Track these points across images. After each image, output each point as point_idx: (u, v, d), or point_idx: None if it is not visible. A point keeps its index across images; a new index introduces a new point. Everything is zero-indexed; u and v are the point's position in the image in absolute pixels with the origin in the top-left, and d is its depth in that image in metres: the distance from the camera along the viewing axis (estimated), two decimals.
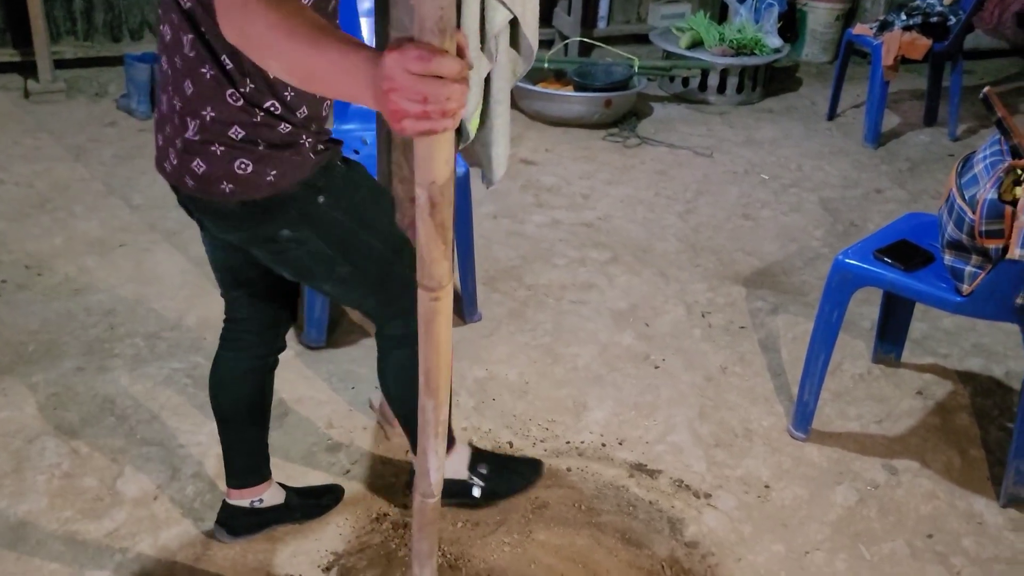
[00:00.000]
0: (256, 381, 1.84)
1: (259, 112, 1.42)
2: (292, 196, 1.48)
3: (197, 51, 1.40)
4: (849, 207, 3.74)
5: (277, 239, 1.51)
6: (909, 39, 4.16)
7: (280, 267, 1.60)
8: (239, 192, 1.45)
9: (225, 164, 1.43)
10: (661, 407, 2.44)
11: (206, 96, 1.41)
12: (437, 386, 1.22)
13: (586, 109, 4.37)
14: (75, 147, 3.84)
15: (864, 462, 2.27)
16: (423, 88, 0.92)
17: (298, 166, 1.47)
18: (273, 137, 1.44)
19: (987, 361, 2.71)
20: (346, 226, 1.55)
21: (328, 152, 1.52)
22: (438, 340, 1.17)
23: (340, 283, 1.63)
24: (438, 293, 1.13)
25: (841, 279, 2.21)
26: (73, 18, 4.51)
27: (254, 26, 1.08)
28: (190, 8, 1.39)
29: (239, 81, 1.40)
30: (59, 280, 2.87)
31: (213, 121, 1.42)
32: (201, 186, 1.46)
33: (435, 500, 1.37)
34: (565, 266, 3.15)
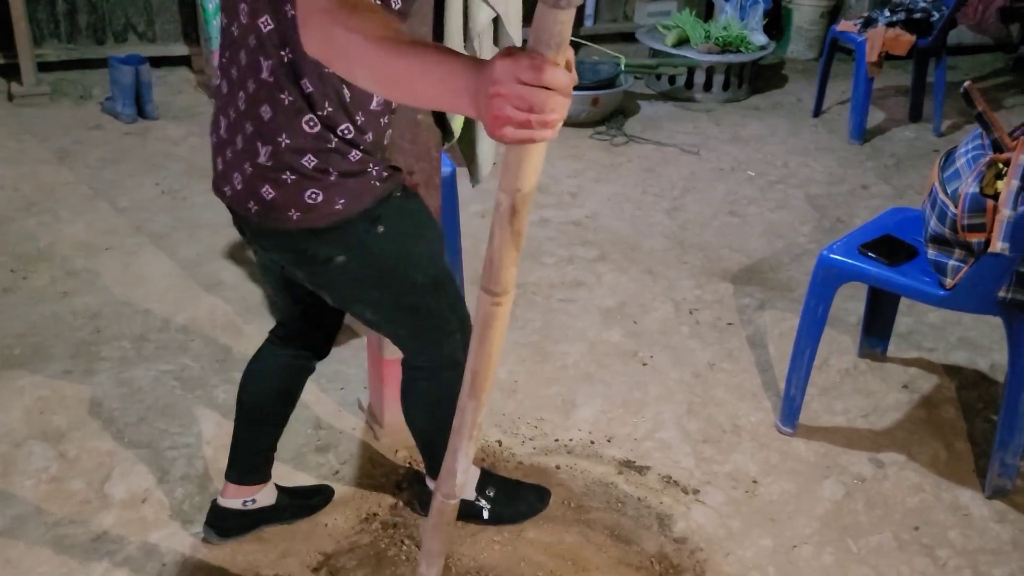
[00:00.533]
0: (291, 379, 1.87)
1: (334, 138, 1.42)
2: (354, 223, 1.48)
3: (277, 76, 1.39)
4: (835, 203, 3.76)
5: (329, 263, 1.51)
6: (893, 35, 4.19)
7: (322, 290, 1.61)
8: (305, 220, 1.45)
9: (295, 193, 1.43)
10: (649, 404, 2.45)
11: (283, 122, 1.41)
12: (482, 389, 1.23)
13: (573, 107, 4.38)
14: (60, 150, 3.83)
15: (851, 456, 2.29)
16: (531, 97, 0.94)
17: (364, 194, 1.47)
18: (344, 165, 1.44)
19: (972, 354, 2.73)
20: (394, 256, 1.55)
21: (391, 180, 1.52)
22: (492, 344, 1.19)
23: (379, 311, 1.64)
24: (501, 299, 1.15)
25: (826, 274, 2.22)
26: (56, 20, 4.49)
27: (342, 34, 1.08)
28: (272, 31, 1.37)
29: (318, 104, 1.39)
30: (45, 283, 2.86)
31: (288, 148, 1.42)
32: (266, 212, 1.46)
33: (456, 502, 1.38)
34: (553, 264, 3.16)
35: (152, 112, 4.17)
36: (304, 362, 1.86)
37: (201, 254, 3.07)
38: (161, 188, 3.55)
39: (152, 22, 4.72)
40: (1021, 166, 1.86)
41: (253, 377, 1.86)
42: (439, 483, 1.38)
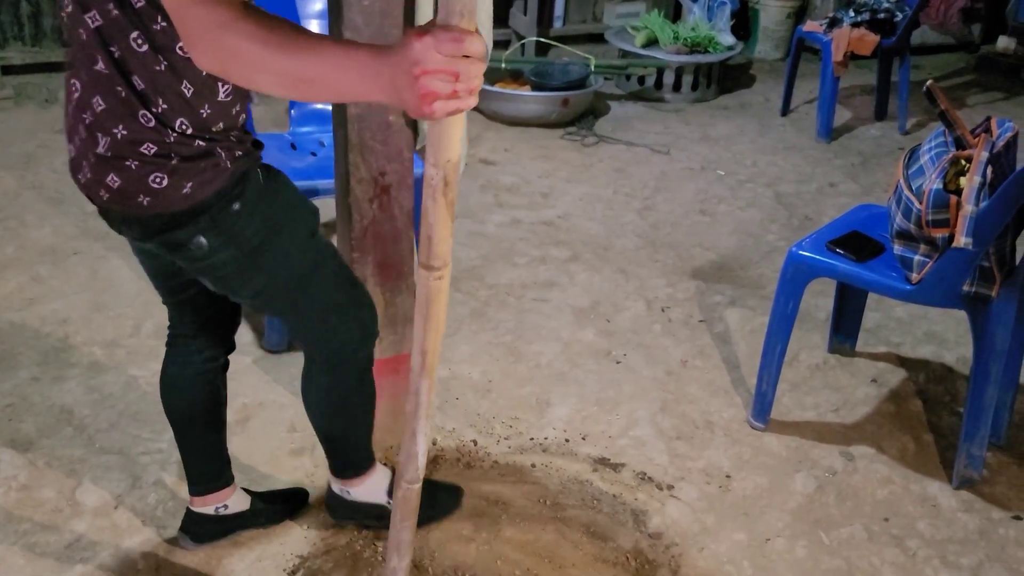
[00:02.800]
0: (206, 385, 1.81)
1: (172, 132, 1.39)
2: (206, 204, 1.44)
3: (110, 70, 1.36)
4: (803, 201, 3.80)
5: (191, 246, 1.47)
6: (858, 35, 4.25)
7: (200, 275, 1.56)
8: (155, 205, 1.42)
9: (140, 178, 1.40)
10: (623, 402, 2.47)
11: (117, 114, 1.38)
12: (432, 366, 1.23)
13: (544, 108, 4.40)
14: (25, 155, 3.77)
15: (822, 450, 2.32)
16: (456, 67, 0.98)
17: (214, 177, 1.43)
18: (187, 151, 1.41)
19: (938, 348, 2.78)
20: (260, 236, 1.51)
21: (245, 159, 1.48)
22: (437, 320, 1.19)
23: (257, 295, 1.58)
24: (442, 272, 1.15)
25: (795, 271, 2.25)
26: (20, 23, 4.42)
27: (241, 45, 1.06)
28: (100, 27, 1.34)
29: (151, 101, 1.36)
30: (11, 290, 2.82)
31: (124, 139, 1.38)
32: (116, 199, 1.43)
33: (419, 485, 1.37)
34: (526, 265, 3.17)
35: None
36: (211, 364, 1.79)
37: None
38: None
39: None
40: (982, 162, 1.90)
41: (172, 395, 1.80)
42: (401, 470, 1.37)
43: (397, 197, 2.02)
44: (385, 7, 1.83)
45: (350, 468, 1.89)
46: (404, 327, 2.16)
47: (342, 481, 1.91)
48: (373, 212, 2.01)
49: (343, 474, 1.90)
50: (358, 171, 1.96)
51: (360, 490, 1.91)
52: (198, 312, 1.73)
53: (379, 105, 1.91)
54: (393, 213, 2.03)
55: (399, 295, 2.12)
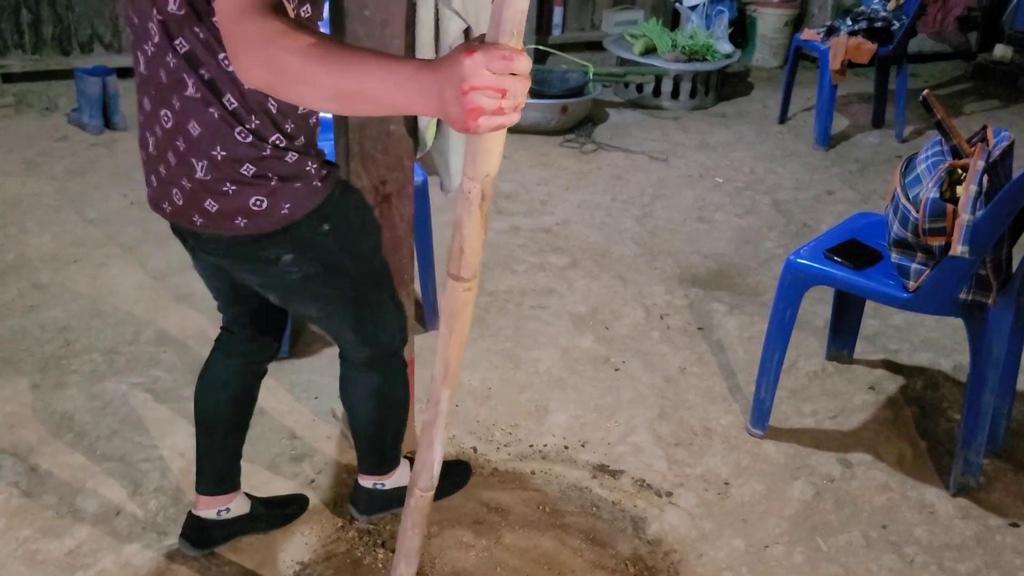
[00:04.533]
0: (245, 386, 1.87)
1: (267, 146, 1.44)
2: (300, 223, 1.50)
3: (202, 92, 1.39)
4: (802, 208, 3.82)
5: (277, 263, 1.53)
6: (855, 44, 4.28)
7: (268, 290, 1.62)
8: (253, 226, 1.47)
9: (240, 201, 1.45)
10: (622, 408, 2.48)
11: (215, 136, 1.42)
12: (454, 376, 1.25)
13: (542, 116, 4.42)
14: (26, 162, 3.79)
15: (820, 457, 2.33)
16: (504, 85, 1.00)
17: (309, 195, 1.49)
18: (283, 169, 1.46)
19: (936, 355, 2.79)
20: (338, 252, 1.58)
21: (330, 178, 1.54)
22: (462, 331, 1.21)
23: (325, 306, 1.66)
24: (471, 284, 1.18)
25: (793, 279, 2.26)
26: (21, 31, 4.44)
27: (285, 59, 1.08)
28: (189, 51, 1.38)
29: (245, 119, 1.41)
30: (12, 297, 2.83)
31: (224, 160, 1.43)
32: (212, 223, 1.48)
33: (431, 494, 1.39)
34: (525, 272, 3.18)
35: (119, 123, 4.14)
36: (255, 366, 1.87)
37: (171, 265, 3.05)
38: (129, 199, 3.52)
39: (118, 33, 4.68)
40: (979, 172, 1.92)
41: (207, 389, 1.86)
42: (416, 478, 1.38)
43: (398, 206, 2.03)
44: (386, 17, 1.85)
45: (387, 463, 1.96)
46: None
47: (377, 476, 1.97)
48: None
49: (380, 469, 1.96)
50: (359, 180, 1.97)
51: (392, 479, 1.98)
52: (254, 318, 1.80)
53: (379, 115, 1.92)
54: (394, 221, 2.04)
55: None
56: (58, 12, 4.49)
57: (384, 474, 1.97)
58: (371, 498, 1.99)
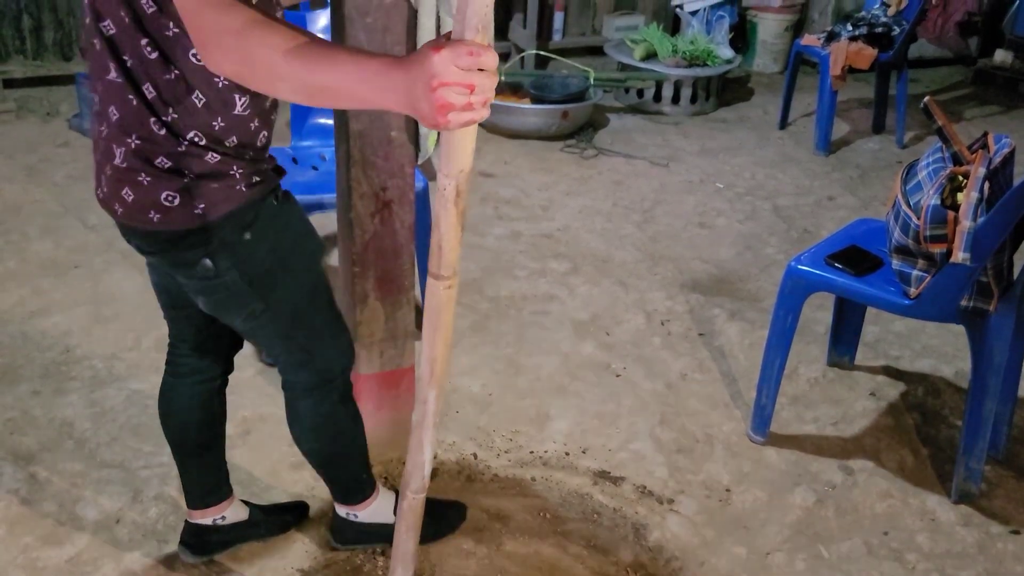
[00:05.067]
0: (206, 403, 1.80)
1: (183, 141, 1.38)
2: (218, 226, 1.44)
3: (122, 78, 1.36)
4: (802, 214, 3.82)
5: (196, 267, 1.47)
6: (855, 49, 4.28)
7: (196, 295, 1.55)
8: (165, 222, 1.42)
9: (152, 194, 1.40)
10: (623, 415, 2.47)
11: (131, 123, 1.38)
12: (441, 376, 1.25)
13: (543, 121, 4.42)
14: (27, 168, 3.79)
15: (821, 463, 2.32)
16: (472, 80, 1.01)
17: (227, 198, 1.43)
18: (200, 167, 1.40)
19: (937, 362, 2.79)
20: (267, 264, 1.51)
21: (262, 185, 1.48)
22: (446, 329, 1.21)
23: (251, 320, 1.57)
24: (452, 281, 1.17)
25: (794, 285, 2.26)
26: (22, 37, 4.45)
27: (256, 52, 1.09)
28: (113, 36, 1.35)
29: (161, 110, 1.37)
30: (13, 303, 2.83)
31: (139, 149, 1.39)
32: (129, 214, 1.43)
33: (424, 495, 1.38)
34: (526, 277, 3.18)
35: None
36: (209, 385, 1.79)
37: None
38: None
39: None
40: (979, 178, 1.92)
41: (169, 413, 1.79)
42: (407, 479, 1.38)
43: (398, 212, 2.04)
44: (387, 23, 1.85)
45: (353, 493, 1.89)
46: (404, 341, 2.17)
47: (347, 507, 1.90)
48: (374, 227, 2.02)
49: (349, 499, 1.89)
50: (360, 186, 1.98)
51: (367, 512, 1.90)
52: (198, 330, 1.72)
53: (381, 121, 1.92)
54: (394, 228, 2.04)
55: (399, 309, 2.13)
56: (59, 18, 4.49)
57: (354, 504, 1.89)
58: (345, 527, 1.92)
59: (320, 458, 1.83)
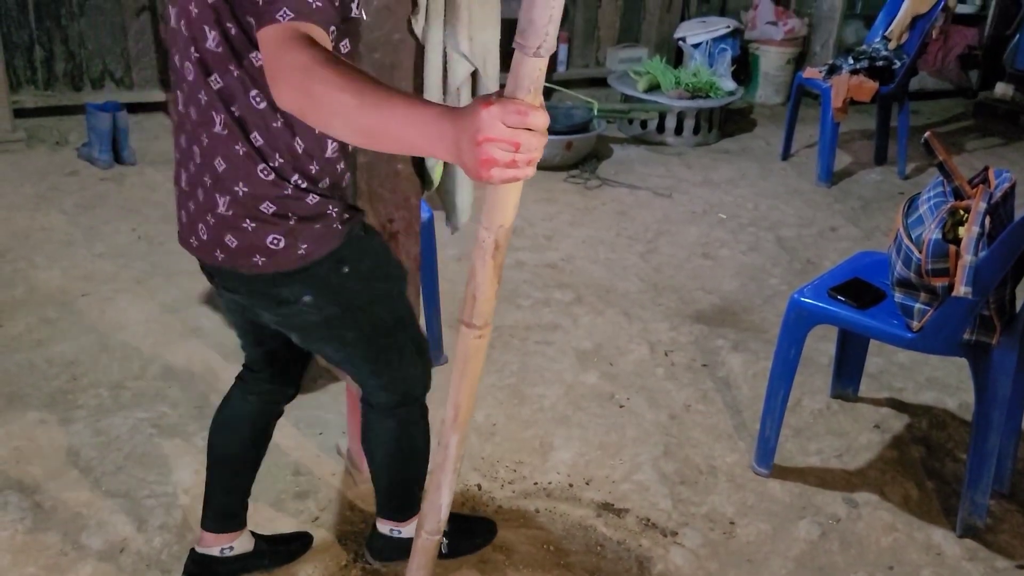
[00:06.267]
0: (266, 424, 1.89)
1: (288, 185, 1.46)
2: (319, 265, 1.51)
3: (230, 129, 1.42)
4: (805, 245, 3.84)
5: (297, 303, 1.54)
6: (857, 82, 4.32)
7: (288, 329, 1.63)
8: (271, 265, 1.49)
9: (258, 239, 1.47)
10: (627, 446, 2.48)
11: (238, 172, 1.44)
12: (464, 421, 1.26)
13: (547, 151, 4.45)
14: (36, 196, 3.82)
15: (825, 496, 2.32)
16: (518, 138, 1.03)
17: (327, 237, 1.51)
18: (302, 209, 1.48)
19: (940, 394, 2.79)
20: (361, 295, 1.59)
21: (351, 221, 1.56)
22: (473, 377, 1.22)
23: (345, 348, 1.66)
24: (483, 331, 1.19)
25: (797, 317, 2.27)
26: (33, 67, 4.51)
27: (320, 89, 1.13)
28: (221, 88, 1.41)
29: (269, 156, 1.44)
30: (20, 331, 2.85)
31: (245, 196, 1.45)
32: (232, 260, 1.50)
33: (439, 537, 1.39)
34: (530, 307, 3.19)
35: (129, 158, 4.18)
36: (273, 406, 1.88)
37: (179, 300, 3.07)
38: (138, 233, 3.55)
39: (130, 69, 4.75)
40: (980, 213, 1.93)
41: (224, 424, 1.87)
42: (423, 520, 1.39)
43: (404, 243, 2.06)
44: (395, 60, 1.88)
45: (405, 510, 1.93)
46: None
47: (394, 523, 1.94)
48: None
49: (398, 516, 1.93)
50: (367, 218, 1.99)
51: (410, 527, 1.94)
52: (274, 360, 1.81)
53: (388, 154, 1.95)
54: (400, 259, 2.06)
55: None
56: (71, 49, 4.56)
57: (402, 521, 1.93)
58: (387, 544, 1.96)
59: (390, 473, 1.88)
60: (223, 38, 1.38)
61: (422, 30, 1.86)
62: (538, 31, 1.01)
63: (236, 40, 1.37)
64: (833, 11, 5.75)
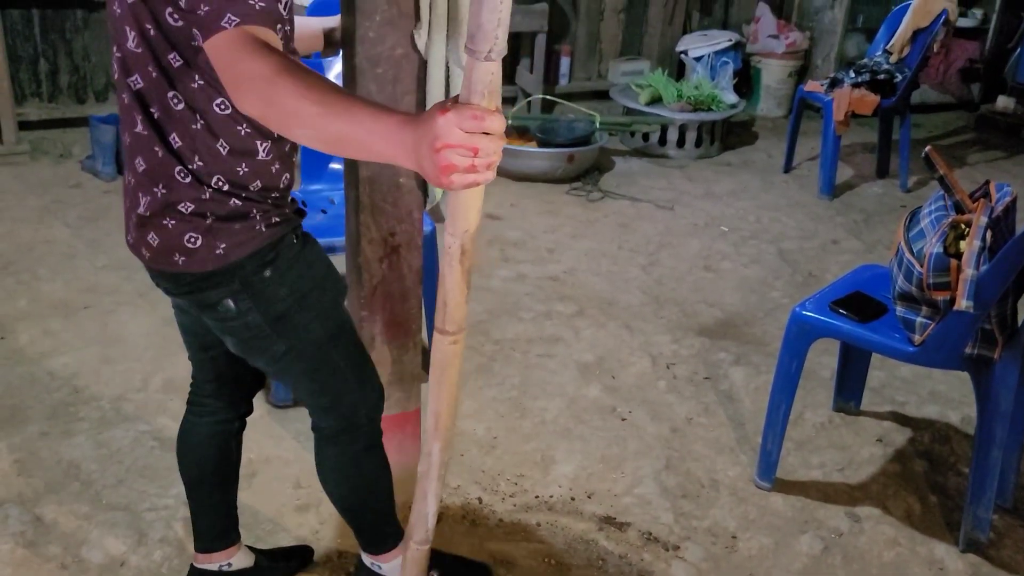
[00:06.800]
0: (222, 445, 1.82)
1: (208, 189, 1.43)
2: (239, 266, 1.47)
3: (148, 130, 1.42)
4: (807, 258, 3.84)
5: (219, 307, 1.50)
6: (858, 96, 4.33)
7: (224, 336, 1.59)
8: (191, 264, 1.46)
9: (176, 237, 1.45)
10: (628, 459, 2.47)
11: (157, 173, 1.43)
12: (445, 429, 1.26)
13: (550, 164, 4.47)
14: (39, 208, 3.84)
15: (828, 510, 2.31)
16: (475, 143, 1.04)
17: (248, 239, 1.47)
18: (222, 210, 1.45)
19: (943, 408, 2.78)
20: (287, 304, 1.53)
21: (282, 226, 1.52)
22: (451, 384, 1.22)
23: (275, 362, 1.60)
24: (457, 337, 1.19)
25: (799, 331, 2.27)
26: (38, 80, 4.52)
27: (283, 98, 1.13)
28: (141, 89, 1.40)
29: (187, 159, 1.42)
30: (23, 343, 2.85)
31: (163, 197, 1.44)
32: (155, 258, 1.48)
33: (428, 547, 1.38)
34: (531, 320, 3.19)
35: None
36: (227, 425, 1.81)
37: None
38: None
39: None
40: (981, 227, 1.93)
41: (186, 451, 1.82)
42: (411, 530, 1.38)
43: (406, 257, 2.06)
44: (397, 74, 1.89)
45: (380, 542, 1.85)
46: (411, 384, 2.18)
47: (372, 556, 1.87)
48: (383, 271, 2.05)
49: (372, 549, 1.87)
50: (369, 231, 2.00)
51: (391, 566, 1.86)
52: (220, 372, 1.76)
53: (390, 167, 1.95)
54: (402, 272, 2.07)
55: (406, 353, 2.14)
56: (75, 62, 4.58)
57: (377, 554, 1.86)
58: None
59: (344, 504, 1.82)
60: (142, 38, 1.37)
61: (424, 45, 1.87)
62: (487, 35, 1.01)
63: (154, 41, 1.36)
64: (834, 25, 5.77)
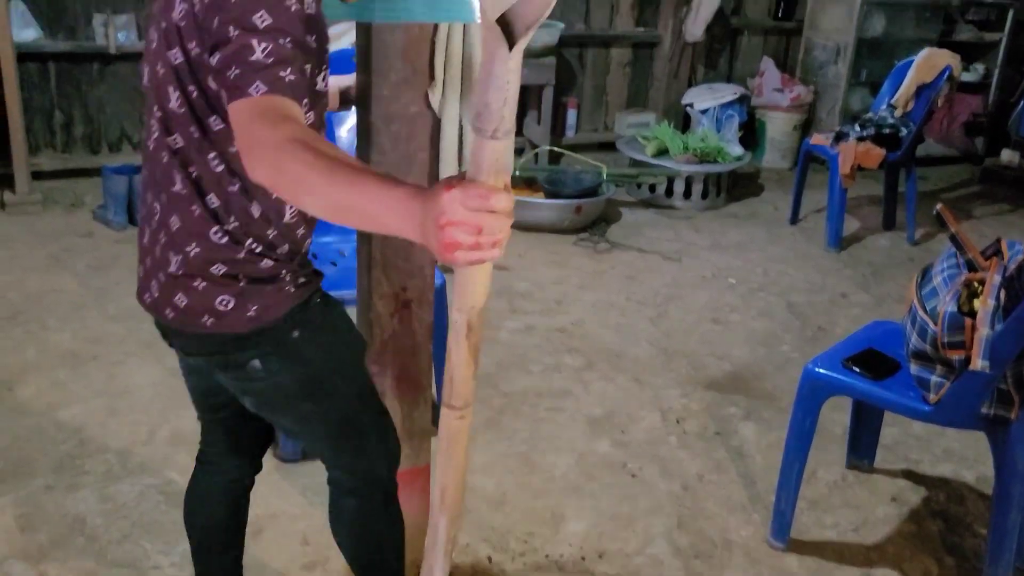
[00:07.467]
0: (232, 502, 1.81)
1: (242, 249, 1.44)
2: (269, 328, 1.48)
3: (188, 189, 1.43)
4: (816, 311, 3.83)
5: (246, 368, 1.50)
6: (864, 149, 4.36)
7: (244, 396, 1.58)
8: (220, 326, 1.46)
9: (207, 299, 1.45)
10: (639, 517, 2.44)
11: (192, 232, 1.44)
12: (453, 503, 1.24)
13: (557, 215, 4.49)
14: (50, 257, 3.85)
15: (843, 572, 2.27)
16: (479, 221, 1.02)
17: (278, 300, 1.48)
18: (254, 272, 1.46)
19: (958, 466, 2.75)
20: (315, 364, 1.54)
21: (308, 287, 1.53)
22: (459, 458, 1.21)
23: (300, 421, 1.60)
24: (464, 412, 1.18)
25: (812, 388, 2.25)
26: (52, 131, 4.58)
27: (291, 165, 1.13)
28: (181, 148, 1.42)
29: (224, 219, 1.43)
30: (31, 394, 2.84)
31: (196, 257, 1.44)
32: (181, 319, 1.47)
33: None
34: (540, 372, 3.18)
35: None
36: (239, 484, 1.81)
37: None
38: None
39: None
40: (995, 286, 1.93)
41: (195, 508, 1.80)
42: None
43: (417, 312, 2.05)
44: (411, 131, 1.90)
45: None
46: (421, 440, 2.16)
47: None
48: (393, 326, 2.04)
49: None
50: (380, 287, 2.00)
51: None
52: (230, 432, 1.75)
53: None
54: (413, 327, 2.06)
55: (416, 408, 2.13)
56: (89, 113, 4.64)
57: None
58: None
59: (356, 558, 1.80)
60: (184, 99, 1.38)
61: (439, 103, 1.88)
62: (493, 114, 1.01)
63: (196, 103, 1.37)
64: (838, 79, 5.84)
